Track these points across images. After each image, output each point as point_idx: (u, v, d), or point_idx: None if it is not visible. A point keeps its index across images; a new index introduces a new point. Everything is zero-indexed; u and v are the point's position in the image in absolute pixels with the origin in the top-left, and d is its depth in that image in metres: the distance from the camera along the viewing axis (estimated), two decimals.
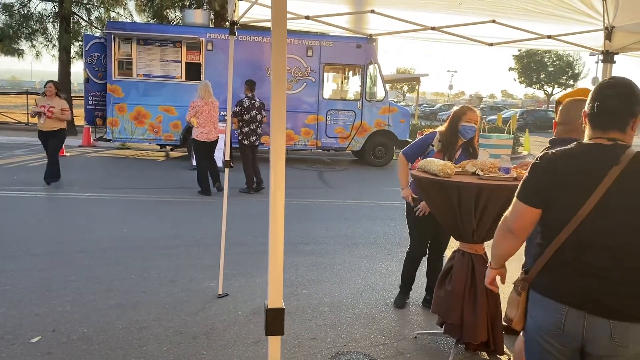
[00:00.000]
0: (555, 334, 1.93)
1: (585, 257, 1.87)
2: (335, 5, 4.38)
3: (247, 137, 9.02)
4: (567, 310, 1.89)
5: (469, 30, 4.48)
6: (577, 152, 1.94)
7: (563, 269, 1.93)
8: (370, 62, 13.16)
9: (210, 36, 12.69)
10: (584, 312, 1.86)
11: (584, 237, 1.87)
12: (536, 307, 2.00)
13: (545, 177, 1.95)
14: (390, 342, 3.84)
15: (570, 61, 47.00)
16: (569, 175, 1.90)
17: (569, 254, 1.91)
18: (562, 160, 1.94)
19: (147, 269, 5.13)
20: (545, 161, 1.97)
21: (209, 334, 3.83)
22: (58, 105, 8.67)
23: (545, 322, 1.95)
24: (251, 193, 9.12)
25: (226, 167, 4.49)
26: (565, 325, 1.89)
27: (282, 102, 1.47)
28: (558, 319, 1.91)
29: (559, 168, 1.93)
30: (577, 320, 1.87)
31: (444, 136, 4.10)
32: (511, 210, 2.07)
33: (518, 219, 2.03)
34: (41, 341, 3.61)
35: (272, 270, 1.49)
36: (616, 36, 4.01)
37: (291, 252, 5.80)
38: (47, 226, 6.51)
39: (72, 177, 10.15)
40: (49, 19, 17.23)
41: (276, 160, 1.46)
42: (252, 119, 8.97)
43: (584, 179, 1.87)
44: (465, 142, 4.11)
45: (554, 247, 1.92)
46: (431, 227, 4.24)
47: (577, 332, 1.88)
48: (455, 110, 4.17)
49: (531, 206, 1.99)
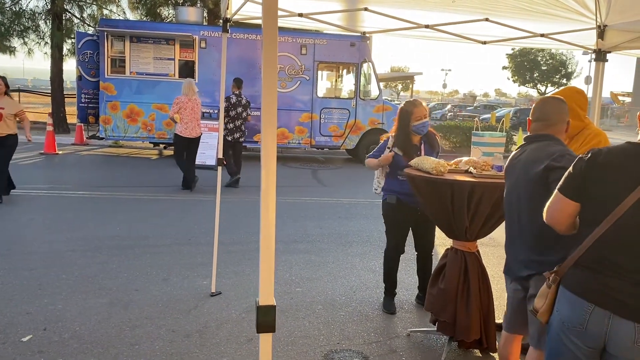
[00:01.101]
0: (577, 332, 1.92)
1: (617, 257, 1.86)
2: (328, 3, 4.36)
3: (231, 133, 9.32)
4: (592, 308, 1.88)
5: (463, 28, 4.49)
6: (623, 150, 1.93)
7: (593, 267, 1.91)
8: (365, 61, 13.16)
9: (203, 34, 12.65)
10: (609, 312, 1.84)
11: (618, 236, 1.85)
12: (562, 303, 2.00)
13: (587, 169, 1.94)
14: (384, 340, 3.84)
15: (564, 60, 47.22)
16: (610, 172, 1.89)
17: (601, 252, 1.89)
18: (605, 156, 1.92)
19: (139, 267, 5.11)
20: (591, 155, 1.96)
21: (202, 332, 3.82)
22: (8, 106, 7.31)
23: (570, 319, 1.95)
24: (237, 187, 9.42)
25: (219, 165, 4.47)
26: (588, 324, 1.88)
27: (272, 98, 1.46)
28: (582, 316, 1.90)
29: (601, 163, 1.91)
30: (602, 320, 1.86)
31: (399, 139, 4.12)
32: (550, 202, 2.07)
33: (557, 210, 2.04)
34: (32, 340, 3.58)
35: (264, 267, 1.49)
36: (608, 35, 4.03)
37: (285, 250, 5.80)
38: (38, 224, 6.47)
39: (65, 176, 10.10)
40: (41, 16, 17.09)
41: (267, 156, 1.45)
42: (238, 115, 9.27)
43: (625, 177, 1.85)
44: (424, 135, 4.15)
45: (587, 243, 1.92)
46: (407, 226, 4.25)
47: (601, 331, 1.86)
48: (401, 110, 4.17)
49: (570, 199, 1.98)
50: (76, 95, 13.61)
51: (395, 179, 4.17)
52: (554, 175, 2.33)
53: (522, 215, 2.56)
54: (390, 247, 4.33)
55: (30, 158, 11.71)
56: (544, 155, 2.45)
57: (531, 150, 2.56)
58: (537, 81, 49.29)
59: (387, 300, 4.42)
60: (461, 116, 33.47)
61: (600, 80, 4.16)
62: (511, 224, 2.66)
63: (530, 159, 2.53)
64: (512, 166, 2.67)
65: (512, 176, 2.65)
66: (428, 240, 4.37)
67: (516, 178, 2.61)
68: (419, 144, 4.15)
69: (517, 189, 2.60)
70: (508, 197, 2.69)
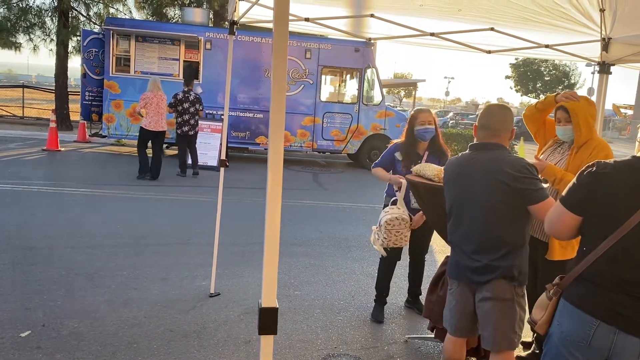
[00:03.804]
0: (580, 347, 1.90)
1: (623, 272, 1.84)
2: (335, 9, 4.39)
3: (180, 126, 10.16)
4: (597, 324, 1.86)
5: (468, 37, 4.50)
6: (629, 164, 1.91)
7: (598, 281, 1.89)
8: (368, 66, 13.19)
9: (209, 35, 12.68)
10: (615, 328, 1.83)
11: (625, 251, 1.84)
12: (565, 316, 1.97)
13: (592, 183, 1.93)
14: (381, 346, 3.84)
15: (567, 71, 47.28)
16: (618, 186, 1.87)
17: (606, 266, 1.88)
18: (612, 168, 1.91)
19: (139, 266, 5.11)
20: (596, 168, 1.94)
21: (200, 332, 3.83)
22: None
23: (572, 333, 1.92)
24: (183, 177, 10.21)
25: (222, 166, 4.48)
26: (592, 339, 1.86)
27: (281, 103, 1.47)
28: (586, 332, 1.88)
29: (607, 176, 1.90)
30: (607, 336, 1.84)
31: (403, 145, 4.13)
32: (552, 212, 2.07)
33: (558, 222, 2.03)
34: (31, 335, 3.59)
35: (267, 269, 1.50)
36: (613, 47, 4.04)
37: (284, 253, 5.80)
38: (39, 220, 6.48)
39: (66, 173, 10.13)
40: (47, 13, 17.15)
41: (274, 161, 1.46)
42: (185, 110, 10.06)
43: (632, 192, 1.84)
44: (430, 145, 4.11)
45: (592, 257, 1.89)
46: None
47: (605, 347, 1.85)
48: (409, 117, 4.20)
49: (572, 212, 1.98)
50: (80, 92, 13.64)
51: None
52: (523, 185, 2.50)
53: (479, 222, 2.62)
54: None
55: (33, 154, 11.73)
56: (504, 164, 2.58)
57: (487, 160, 2.63)
58: (540, 91, 49.31)
59: (377, 308, 4.37)
60: (463, 124, 33.49)
61: (604, 92, 4.17)
62: (465, 232, 2.70)
63: (491, 170, 2.60)
64: (463, 174, 2.71)
65: (465, 185, 2.69)
66: (421, 246, 4.35)
67: (471, 186, 2.66)
68: (422, 153, 4.11)
69: (473, 198, 2.65)
70: (458, 205, 2.73)
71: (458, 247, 2.75)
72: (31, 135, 15.09)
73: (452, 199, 2.78)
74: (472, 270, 2.65)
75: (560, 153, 3.41)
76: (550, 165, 3.26)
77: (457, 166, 2.77)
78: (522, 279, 2.63)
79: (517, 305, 2.62)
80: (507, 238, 2.58)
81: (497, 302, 2.60)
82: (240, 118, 12.89)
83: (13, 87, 27.69)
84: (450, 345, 2.88)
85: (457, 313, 2.79)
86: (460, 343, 2.88)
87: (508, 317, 2.60)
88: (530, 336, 3.80)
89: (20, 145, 13.10)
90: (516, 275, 2.59)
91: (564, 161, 3.31)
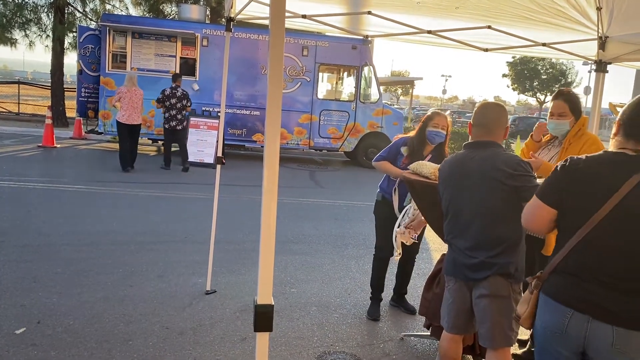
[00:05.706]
0: (557, 336, 1.96)
1: (594, 262, 1.90)
2: (332, 6, 4.38)
3: (168, 121, 10.49)
4: (572, 313, 1.92)
5: (465, 35, 4.50)
6: (600, 158, 1.97)
7: (572, 272, 1.95)
8: (365, 64, 13.18)
9: (205, 32, 12.64)
10: (588, 316, 1.88)
11: (596, 242, 1.90)
12: (543, 309, 2.04)
13: (565, 178, 1.99)
14: (377, 343, 3.85)
15: (564, 70, 47.34)
16: (588, 179, 1.93)
17: (579, 258, 1.94)
18: (584, 163, 1.97)
19: (135, 263, 5.10)
20: (569, 163, 2.01)
21: (196, 330, 3.82)
22: None
23: (550, 324, 1.99)
24: (167, 170, 10.55)
25: (218, 163, 4.48)
26: (568, 328, 1.92)
27: (277, 100, 1.47)
28: (562, 322, 1.94)
29: (579, 171, 1.96)
30: (581, 324, 1.90)
31: (412, 141, 4.09)
32: (528, 207, 2.12)
33: (534, 215, 2.09)
34: (26, 332, 3.58)
35: (263, 266, 1.50)
36: (609, 46, 4.05)
37: (280, 251, 5.80)
38: (35, 217, 6.46)
39: (62, 169, 10.09)
40: (43, 9, 17.07)
41: (271, 158, 1.46)
42: (172, 106, 10.39)
43: (603, 184, 1.90)
44: (435, 148, 4.08)
45: (566, 249, 1.96)
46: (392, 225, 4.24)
47: (580, 335, 1.90)
48: (425, 116, 4.16)
49: (546, 204, 2.03)
50: (76, 89, 13.58)
51: (386, 177, 4.21)
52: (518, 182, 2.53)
53: (475, 220, 2.64)
54: (377, 246, 4.34)
55: (28, 151, 11.69)
56: (499, 161, 2.60)
57: (482, 158, 2.65)
58: (537, 90, 49.40)
59: (373, 306, 4.36)
60: (460, 122, 33.53)
61: (600, 91, 4.18)
62: (461, 229, 2.71)
63: (486, 167, 2.62)
64: (459, 172, 2.73)
65: (461, 183, 2.71)
66: (413, 245, 4.33)
67: (467, 184, 2.68)
68: (426, 155, 4.06)
69: (469, 196, 2.67)
70: (455, 203, 2.75)
71: (455, 244, 2.76)
72: (27, 132, 15.04)
73: (449, 198, 2.79)
74: (469, 268, 2.66)
75: (551, 150, 3.43)
76: (546, 162, 3.27)
77: (453, 165, 2.78)
78: (518, 275, 2.64)
79: (514, 302, 2.62)
80: (503, 235, 2.60)
81: (494, 299, 2.61)
82: (237, 115, 12.87)
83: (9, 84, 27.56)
84: (446, 342, 2.88)
85: (453, 310, 2.80)
86: (456, 340, 2.88)
87: (505, 314, 2.61)
88: (527, 334, 3.81)
89: (16, 141, 13.05)
90: (513, 272, 2.61)
91: (556, 157, 3.33)
